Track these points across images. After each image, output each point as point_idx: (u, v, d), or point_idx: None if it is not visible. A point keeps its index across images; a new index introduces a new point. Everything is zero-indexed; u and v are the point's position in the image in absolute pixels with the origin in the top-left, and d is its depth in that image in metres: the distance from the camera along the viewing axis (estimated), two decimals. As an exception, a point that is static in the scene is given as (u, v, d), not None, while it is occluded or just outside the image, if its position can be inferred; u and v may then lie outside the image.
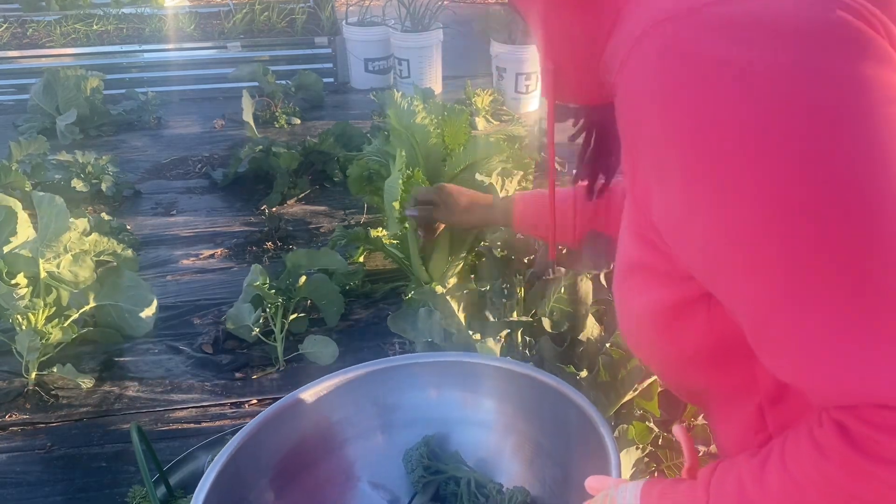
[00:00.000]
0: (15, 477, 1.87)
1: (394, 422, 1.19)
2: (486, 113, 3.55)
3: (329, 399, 1.18)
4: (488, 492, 1.12)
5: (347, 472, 1.18)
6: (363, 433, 1.19)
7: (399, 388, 1.19)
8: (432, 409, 1.19)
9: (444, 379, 1.19)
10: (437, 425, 1.18)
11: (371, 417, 1.20)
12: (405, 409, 1.19)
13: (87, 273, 2.11)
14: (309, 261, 2.42)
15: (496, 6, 6.26)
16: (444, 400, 1.19)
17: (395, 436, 1.19)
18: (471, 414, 1.18)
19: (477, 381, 1.16)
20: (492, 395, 1.16)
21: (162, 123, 4.18)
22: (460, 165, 2.23)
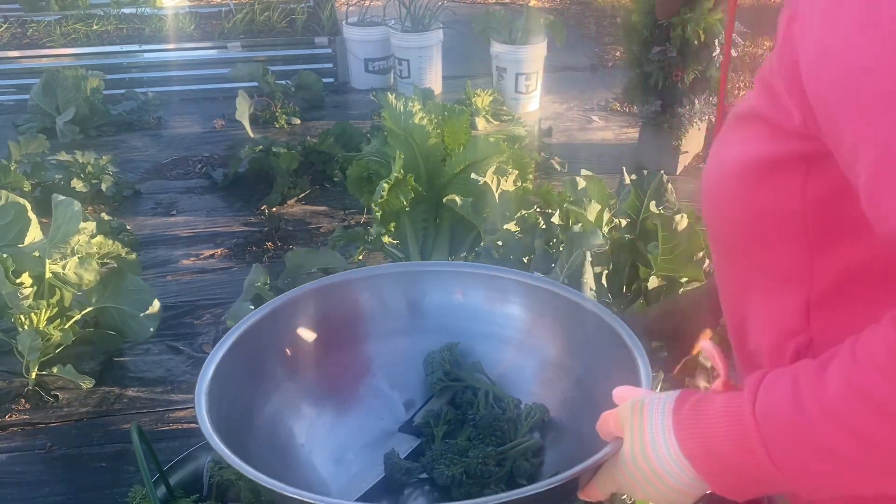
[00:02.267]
0: (15, 477, 1.87)
1: (419, 326, 1.17)
2: (486, 113, 3.55)
3: (361, 289, 1.16)
4: (506, 405, 1.10)
5: (366, 366, 1.16)
6: (387, 331, 1.17)
7: (430, 292, 1.17)
8: (458, 319, 1.16)
9: (475, 290, 1.17)
10: (461, 335, 1.16)
11: (398, 317, 1.18)
12: (432, 316, 1.17)
13: (91, 276, 2.11)
14: (309, 260, 2.42)
15: (496, 6, 6.26)
16: (471, 311, 1.16)
17: (418, 340, 1.16)
18: (497, 329, 1.15)
19: (507, 295, 1.14)
20: (521, 310, 1.14)
21: (162, 123, 4.18)
22: (460, 165, 2.23)
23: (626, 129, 4.04)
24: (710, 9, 2.97)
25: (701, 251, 1.56)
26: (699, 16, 2.97)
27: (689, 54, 3.08)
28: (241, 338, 1.02)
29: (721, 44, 3.07)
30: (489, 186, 1.97)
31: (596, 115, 4.28)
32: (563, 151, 3.58)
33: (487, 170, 2.10)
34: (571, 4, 6.90)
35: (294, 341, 1.10)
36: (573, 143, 3.88)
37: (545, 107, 4.39)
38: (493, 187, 2.00)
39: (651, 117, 3.32)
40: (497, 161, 2.21)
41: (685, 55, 3.09)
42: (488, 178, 1.99)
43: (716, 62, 3.15)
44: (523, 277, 1.14)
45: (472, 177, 2.00)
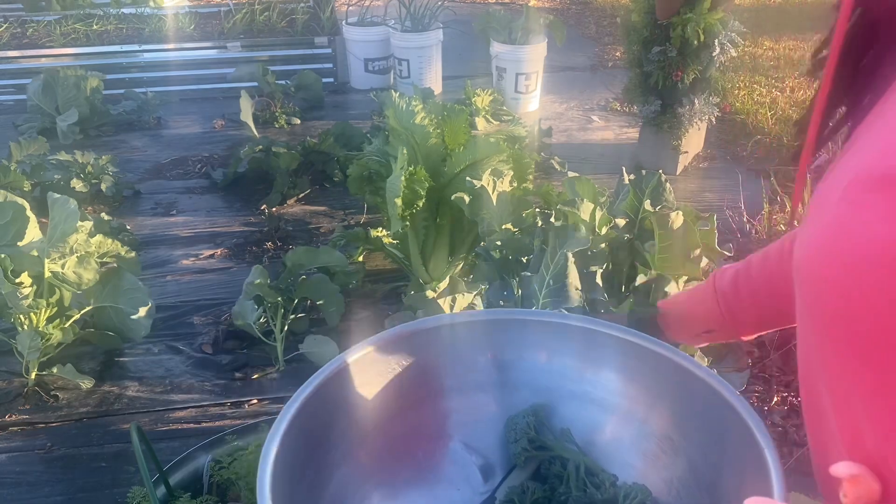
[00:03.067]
0: (15, 477, 1.87)
1: (500, 381, 1.04)
2: (485, 113, 3.55)
3: (436, 339, 1.02)
4: (600, 482, 0.96)
5: (441, 424, 1.03)
6: (465, 386, 1.04)
7: (514, 343, 1.04)
8: (545, 375, 1.03)
9: (567, 344, 1.02)
10: (547, 394, 1.02)
11: (477, 371, 1.04)
12: (515, 370, 1.04)
13: (91, 275, 2.11)
14: (309, 259, 2.42)
15: (496, 6, 6.26)
16: (560, 367, 1.03)
17: (498, 396, 1.04)
18: (589, 389, 1.01)
19: (603, 352, 1.00)
20: (619, 372, 1.00)
21: (162, 123, 4.19)
22: (460, 165, 2.23)
23: (625, 129, 4.04)
24: (710, 9, 2.97)
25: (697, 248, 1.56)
26: (699, 16, 2.97)
27: (689, 54, 3.08)
28: (304, 404, 0.88)
29: (721, 44, 3.07)
30: (485, 189, 1.97)
31: (596, 115, 4.28)
32: (563, 151, 3.58)
33: (484, 172, 2.10)
34: (571, 4, 6.90)
35: (362, 401, 0.97)
36: (573, 143, 3.88)
37: (545, 107, 4.39)
38: (489, 189, 2.00)
39: (651, 117, 3.33)
40: (497, 161, 2.21)
41: (685, 55, 3.09)
42: (484, 180, 1.98)
43: (715, 62, 3.15)
44: (624, 333, 0.99)
45: (468, 180, 2.00)
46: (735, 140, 3.88)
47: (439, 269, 2.47)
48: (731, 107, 4.17)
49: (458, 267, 2.53)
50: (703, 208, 3.01)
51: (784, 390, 2.10)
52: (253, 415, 2.04)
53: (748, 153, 3.72)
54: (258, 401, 2.11)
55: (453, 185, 2.26)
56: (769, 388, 2.11)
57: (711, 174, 3.51)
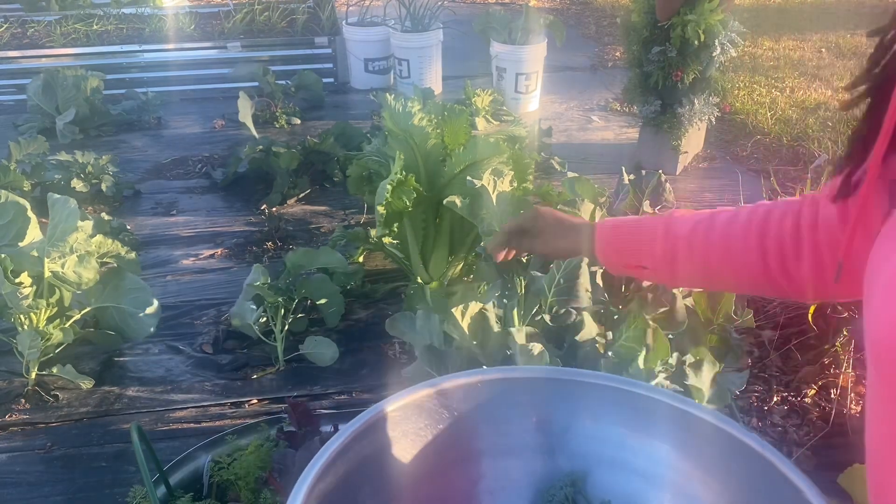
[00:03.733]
0: (15, 477, 1.87)
1: (535, 445, 0.97)
2: (485, 113, 3.55)
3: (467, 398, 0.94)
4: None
5: (469, 491, 0.97)
6: (497, 449, 0.96)
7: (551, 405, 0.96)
8: (584, 441, 0.96)
9: (609, 408, 0.94)
10: (586, 461, 0.95)
11: (511, 434, 0.96)
12: (552, 434, 0.96)
13: (91, 275, 2.11)
14: (308, 260, 2.42)
15: (496, 6, 6.26)
16: (602, 433, 0.95)
17: (531, 461, 0.97)
18: (632, 459, 0.93)
19: (651, 420, 0.92)
20: (667, 442, 0.91)
21: (162, 123, 4.19)
22: (460, 166, 2.23)
23: (625, 129, 4.04)
24: (711, 9, 2.97)
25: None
26: (699, 16, 2.97)
27: (689, 54, 3.08)
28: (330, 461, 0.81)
29: (721, 44, 3.07)
30: (486, 189, 1.97)
31: (596, 115, 4.28)
32: (563, 151, 3.58)
33: (484, 172, 2.10)
34: (571, 4, 6.90)
35: (392, 461, 0.91)
36: (573, 143, 3.88)
37: (545, 107, 4.39)
38: (489, 189, 2.00)
39: (651, 117, 3.33)
40: (497, 161, 2.21)
41: (685, 55, 3.09)
42: (485, 180, 1.99)
43: (716, 62, 3.15)
44: (674, 401, 0.91)
45: (468, 179, 2.00)
46: (735, 140, 3.88)
47: (439, 268, 2.47)
48: (731, 107, 4.17)
49: (457, 267, 2.53)
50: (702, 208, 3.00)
51: (784, 390, 2.10)
52: (253, 415, 2.04)
53: (748, 153, 3.72)
54: (258, 401, 2.11)
55: (453, 185, 2.26)
56: (769, 388, 2.11)
57: (711, 174, 3.51)
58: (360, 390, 2.15)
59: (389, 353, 2.30)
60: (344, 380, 2.19)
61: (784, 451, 1.91)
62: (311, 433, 1.55)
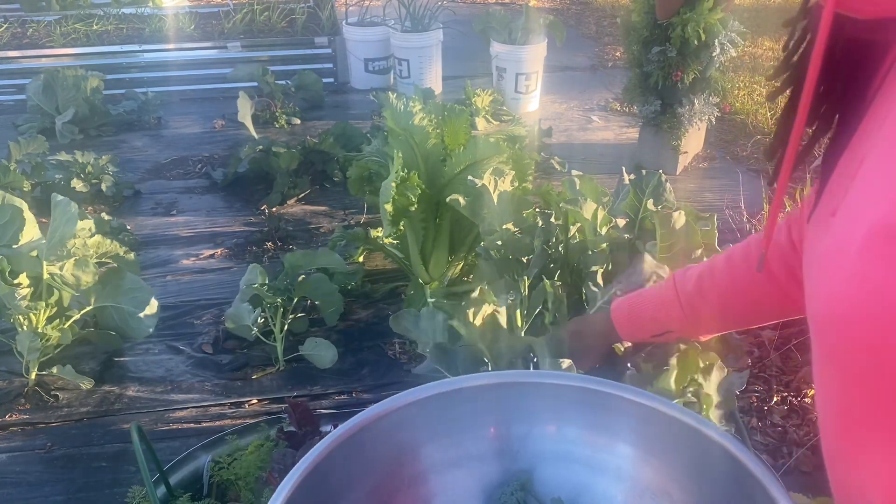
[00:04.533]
0: (15, 477, 1.87)
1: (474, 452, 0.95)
2: (485, 113, 3.56)
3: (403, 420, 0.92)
4: None
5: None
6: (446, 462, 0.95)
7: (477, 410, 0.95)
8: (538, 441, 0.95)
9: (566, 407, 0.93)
10: (535, 460, 0.94)
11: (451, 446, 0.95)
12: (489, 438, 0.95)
13: (89, 277, 2.11)
14: (307, 261, 2.42)
15: (496, 6, 6.26)
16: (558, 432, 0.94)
17: (475, 468, 0.96)
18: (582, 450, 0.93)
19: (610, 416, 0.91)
20: (622, 435, 0.91)
21: (162, 123, 4.19)
22: (460, 166, 2.23)
23: (625, 129, 4.04)
24: (710, 9, 2.97)
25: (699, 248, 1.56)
26: (699, 16, 2.97)
27: (689, 54, 3.08)
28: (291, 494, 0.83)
29: (721, 44, 3.07)
30: (487, 189, 1.97)
31: (596, 115, 4.28)
32: (563, 151, 3.58)
33: (485, 172, 2.10)
34: (571, 4, 6.90)
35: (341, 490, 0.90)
36: (573, 143, 3.88)
37: (545, 107, 4.39)
38: (490, 189, 2.00)
39: (651, 117, 3.33)
40: (497, 161, 2.21)
41: (685, 55, 3.09)
42: (486, 180, 1.98)
43: (715, 62, 3.15)
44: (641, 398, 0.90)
45: (469, 179, 2.00)
46: (735, 140, 3.88)
47: (439, 268, 2.47)
48: (731, 107, 4.17)
49: (458, 267, 2.53)
50: (703, 208, 3.01)
51: (784, 390, 2.10)
52: (253, 415, 2.04)
53: (748, 153, 3.72)
54: (258, 401, 2.11)
55: (453, 185, 2.26)
56: (769, 388, 2.11)
57: (711, 174, 3.51)
58: (360, 390, 2.15)
59: (389, 353, 2.30)
60: (344, 380, 2.18)
61: (784, 451, 1.91)
62: (311, 433, 1.55)
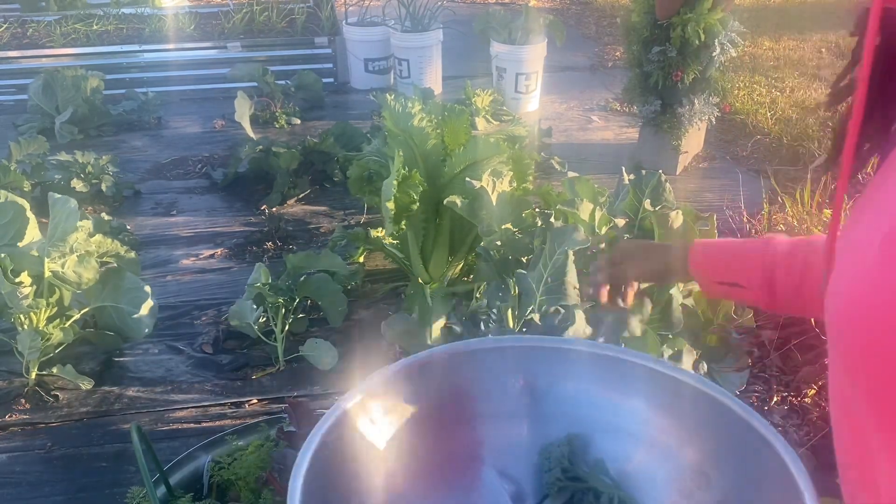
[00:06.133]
0: (15, 477, 1.87)
1: (534, 410, 1.03)
2: (485, 113, 3.55)
3: (471, 364, 1.02)
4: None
5: (473, 451, 1.03)
6: (500, 413, 1.03)
7: (549, 373, 1.03)
8: (581, 407, 1.02)
9: (603, 375, 1.02)
10: (582, 425, 1.02)
11: (513, 398, 1.03)
12: (552, 400, 1.03)
13: (90, 274, 2.11)
14: (309, 263, 2.42)
15: (496, 6, 6.26)
16: (596, 399, 1.02)
17: (532, 425, 1.03)
18: (624, 422, 1.01)
19: (640, 386, 0.99)
20: (655, 406, 0.99)
21: (162, 123, 4.19)
22: (460, 166, 2.23)
23: (625, 129, 4.04)
24: (710, 9, 2.97)
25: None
26: (699, 16, 2.97)
27: (689, 54, 3.08)
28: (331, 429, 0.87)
29: (721, 44, 3.07)
30: (485, 190, 1.97)
31: (596, 115, 4.28)
32: (563, 151, 3.58)
33: (484, 172, 2.11)
34: (571, 4, 6.90)
35: (396, 424, 0.97)
36: (573, 143, 3.88)
37: (545, 107, 4.39)
38: (489, 190, 2.00)
39: (651, 117, 3.33)
40: (497, 161, 2.21)
41: (685, 55, 3.09)
42: (484, 181, 1.99)
43: (715, 62, 3.15)
44: (662, 367, 0.99)
45: (468, 181, 2.00)
46: (735, 140, 3.88)
47: (439, 268, 2.47)
48: (731, 107, 4.17)
49: (457, 267, 2.53)
50: (702, 208, 3.01)
51: (784, 390, 2.10)
52: (253, 415, 2.04)
53: (748, 153, 3.72)
54: (258, 401, 2.11)
55: (453, 185, 2.26)
56: (769, 388, 2.11)
57: (711, 174, 3.51)
58: (360, 390, 2.15)
59: (390, 353, 2.30)
60: (344, 380, 2.18)
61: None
62: (311, 433, 1.55)
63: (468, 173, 2.18)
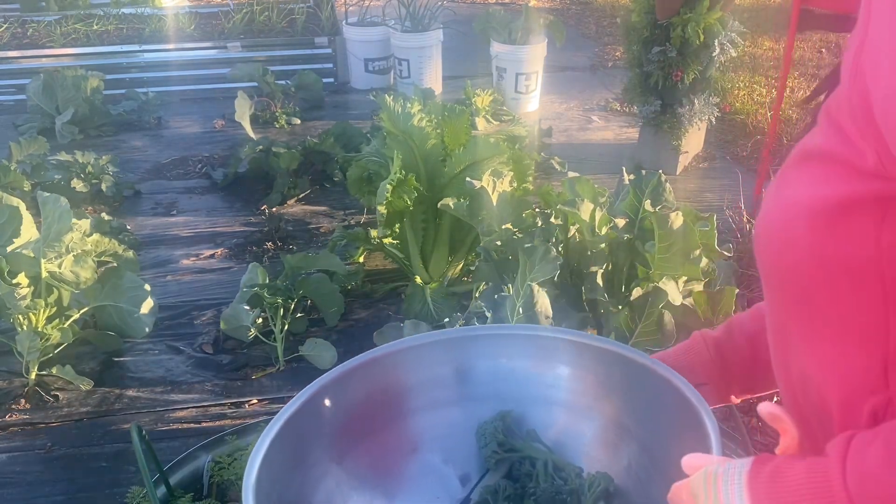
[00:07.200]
0: (15, 477, 1.87)
1: (467, 394, 1.11)
2: (485, 113, 3.55)
3: (403, 362, 1.10)
4: (567, 475, 1.02)
5: (415, 442, 1.10)
6: (434, 403, 1.10)
7: (474, 358, 1.11)
8: (509, 385, 1.10)
9: (522, 352, 1.10)
10: (512, 401, 1.10)
11: (444, 387, 1.11)
12: (479, 383, 1.11)
13: (88, 274, 2.11)
14: (308, 263, 2.42)
15: (496, 6, 6.26)
16: (521, 375, 1.10)
17: (467, 409, 1.10)
18: (549, 392, 1.09)
19: (556, 356, 1.08)
20: (572, 372, 1.07)
21: (162, 123, 4.19)
22: (460, 166, 2.23)
23: (625, 129, 4.04)
24: (710, 9, 2.97)
25: (697, 249, 1.56)
26: (699, 16, 2.97)
27: (689, 54, 3.08)
28: (284, 427, 0.94)
29: (721, 44, 3.07)
30: (485, 190, 1.97)
31: (596, 115, 4.28)
32: (563, 151, 3.58)
33: (484, 172, 2.10)
34: (571, 4, 6.90)
35: (338, 424, 1.03)
36: (573, 143, 3.88)
37: (545, 107, 4.39)
38: (489, 190, 2.00)
39: (651, 117, 3.33)
40: (497, 161, 2.21)
41: (685, 55, 3.09)
42: (484, 181, 1.99)
43: (715, 62, 3.15)
44: (570, 335, 1.08)
45: (468, 181, 2.00)
46: (735, 140, 3.88)
47: (439, 269, 2.47)
48: (731, 107, 4.17)
49: (457, 267, 2.53)
50: (703, 208, 3.01)
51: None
52: (253, 415, 2.04)
53: (748, 153, 3.72)
54: (258, 401, 2.11)
55: (453, 185, 2.26)
56: (769, 388, 2.11)
57: (711, 174, 3.51)
58: (359, 390, 2.15)
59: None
60: (344, 380, 2.18)
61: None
62: (310, 433, 1.55)
63: (468, 173, 2.18)
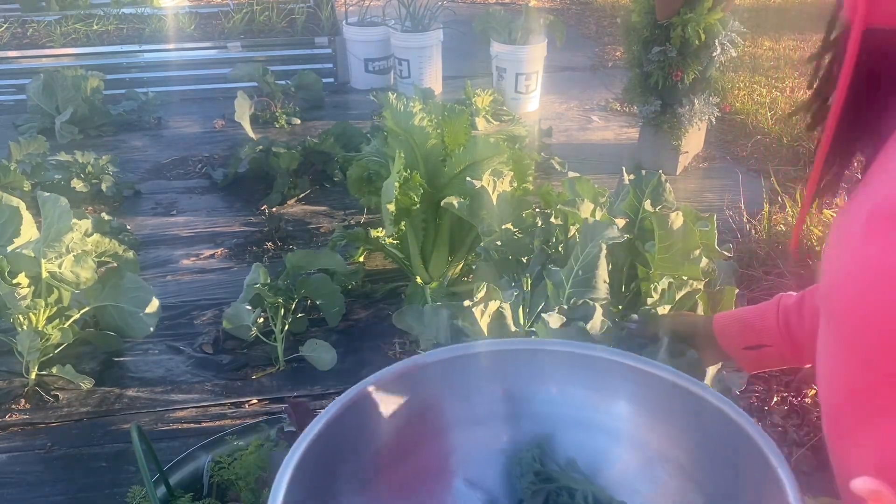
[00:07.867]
0: (15, 477, 1.87)
1: (500, 413, 1.02)
2: (486, 113, 3.55)
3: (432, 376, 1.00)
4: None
5: (443, 464, 1.01)
6: (465, 421, 1.02)
7: (518, 376, 1.02)
8: (545, 405, 1.02)
9: (570, 372, 1.01)
10: (549, 423, 1.01)
11: (476, 405, 1.02)
12: (517, 401, 1.02)
13: (88, 274, 2.11)
14: (308, 262, 2.42)
15: (496, 6, 6.26)
16: (563, 396, 1.01)
17: (499, 429, 1.02)
18: (591, 415, 1.00)
19: (609, 380, 0.99)
20: (626, 400, 0.98)
21: (162, 123, 4.19)
22: (460, 166, 2.23)
23: (625, 129, 4.04)
24: (710, 9, 2.97)
25: (697, 249, 1.56)
26: (699, 16, 2.97)
27: (689, 54, 3.08)
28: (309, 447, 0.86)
29: (721, 44, 3.07)
30: (486, 189, 1.97)
31: (596, 115, 4.28)
32: (563, 151, 3.58)
33: (484, 172, 2.10)
34: (571, 4, 6.90)
35: (366, 445, 0.95)
36: (573, 143, 3.88)
37: (545, 107, 4.39)
38: (489, 190, 2.00)
39: (651, 117, 3.33)
40: (497, 161, 2.21)
41: (685, 55, 3.09)
42: (485, 181, 1.98)
43: (716, 62, 3.15)
44: (630, 360, 0.98)
45: (468, 180, 2.00)
46: (735, 140, 3.88)
47: (439, 268, 2.47)
48: (731, 107, 4.17)
49: (457, 267, 2.53)
50: (703, 208, 3.01)
51: (784, 390, 2.10)
52: (253, 415, 2.04)
53: (748, 153, 3.71)
54: (258, 401, 2.11)
55: (453, 185, 2.26)
56: (769, 387, 2.11)
57: (711, 174, 3.51)
58: (360, 390, 2.15)
59: (389, 354, 2.30)
60: (344, 380, 2.18)
61: (784, 451, 1.91)
62: (311, 433, 1.55)
63: (468, 173, 2.18)
